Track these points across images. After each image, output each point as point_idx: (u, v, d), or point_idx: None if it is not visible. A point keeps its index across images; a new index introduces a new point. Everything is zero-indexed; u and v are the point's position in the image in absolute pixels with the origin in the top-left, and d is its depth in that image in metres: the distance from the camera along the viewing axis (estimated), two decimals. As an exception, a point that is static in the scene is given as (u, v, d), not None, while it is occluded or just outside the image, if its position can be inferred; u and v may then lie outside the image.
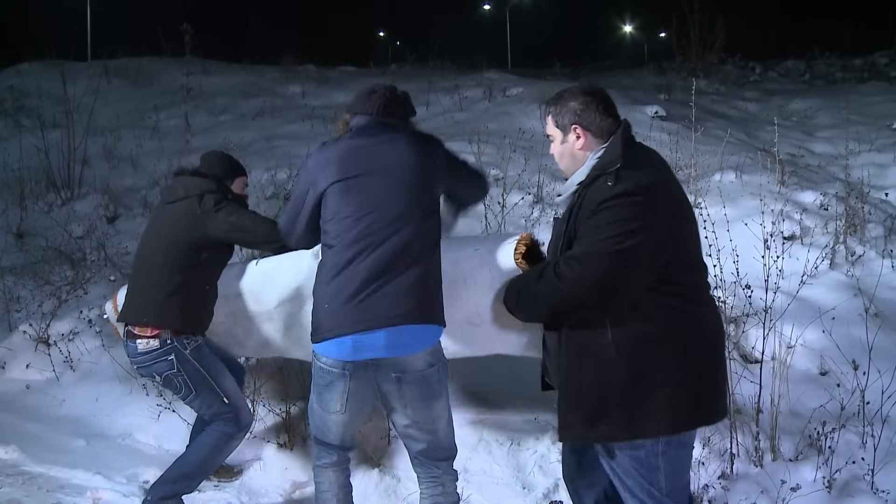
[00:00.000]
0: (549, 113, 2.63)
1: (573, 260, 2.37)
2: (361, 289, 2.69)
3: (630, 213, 2.32)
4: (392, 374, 2.76)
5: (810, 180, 6.16)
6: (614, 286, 2.35)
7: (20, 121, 9.02)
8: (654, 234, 2.33)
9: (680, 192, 2.52)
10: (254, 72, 12.03)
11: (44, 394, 4.85)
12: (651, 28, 30.89)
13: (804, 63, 13.84)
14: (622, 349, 2.39)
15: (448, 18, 36.41)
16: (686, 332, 2.41)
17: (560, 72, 12.64)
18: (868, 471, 3.32)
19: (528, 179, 6.08)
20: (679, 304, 2.40)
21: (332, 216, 2.79)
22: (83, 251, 6.25)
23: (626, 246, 2.30)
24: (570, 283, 2.37)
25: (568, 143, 2.58)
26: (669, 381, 2.38)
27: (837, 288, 4.45)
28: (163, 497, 3.44)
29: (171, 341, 3.39)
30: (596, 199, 2.37)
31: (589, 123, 2.55)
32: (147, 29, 13.61)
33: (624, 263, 2.32)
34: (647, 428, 2.39)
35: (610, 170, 2.39)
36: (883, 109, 8.43)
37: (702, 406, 2.45)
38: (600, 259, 2.32)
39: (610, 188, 2.35)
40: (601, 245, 2.32)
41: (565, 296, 2.41)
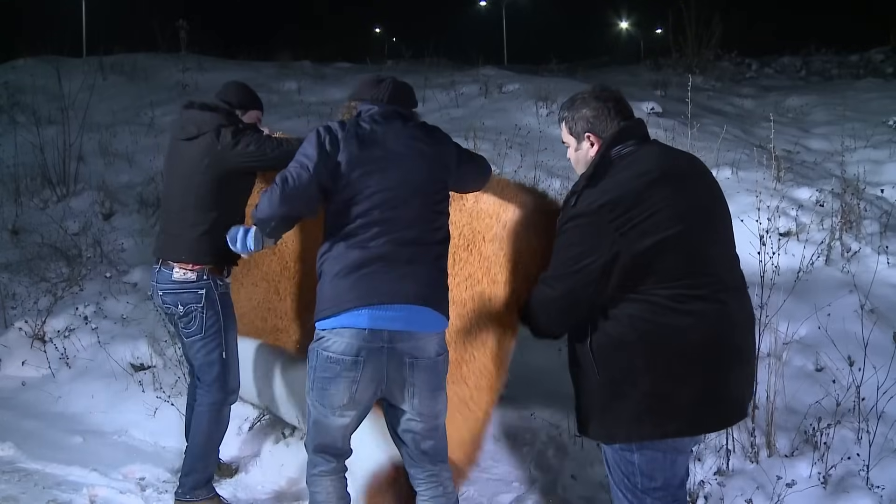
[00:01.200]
0: (563, 120, 2.67)
1: (541, 281, 2.59)
2: (384, 265, 2.66)
3: (579, 236, 2.43)
4: (406, 359, 2.67)
5: (806, 177, 6.17)
6: (574, 303, 2.49)
7: (15, 117, 8.99)
8: (600, 255, 2.39)
9: (671, 198, 2.42)
10: (249, 68, 11.99)
11: (40, 391, 4.85)
12: (647, 24, 30.84)
13: (800, 59, 13.83)
14: (597, 355, 2.47)
15: (444, 14, 36.37)
16: (657, 341, 2.39)
17: (556, 68, 12.63)
18: (863, 466, 3.33)
19: (524, 176, 6.08)
20: (650, 313, 2.40)
21: (352, 196, 2.71)
22: (79, 248, 6.24)
23: (577, 268, 2.42)
24: (538, 304, 2.60)
25: (582, 151, 2.63)
26: (637, 389, 2.41)
27: (833, 284, 4.46)
28: (193, 488, 3.52)
29: (207, 277, 3.44)
30: (562, 219, 2.52)
31: (602, 130, 2.57)
32: (143, 25, 13.57)
33: (578, 283, 2.44)
34: (618, 433, 2.47)
35: (577, 189, 2.50)
36: (879, 106, 8.44)
37: (679, 416, 2.41)
38: (557, 281, 2.51)
39: (571, 208, 2.48)
40: (558, 268, 2.50)
41: (539, 316, 2.63)
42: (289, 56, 12.69)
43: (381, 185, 2.72)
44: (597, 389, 2.49)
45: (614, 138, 2.53)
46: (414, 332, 2.67)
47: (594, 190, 2.45)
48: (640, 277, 2.39)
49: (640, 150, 2.54)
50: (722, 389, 2.46)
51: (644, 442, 2.45)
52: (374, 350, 2.64)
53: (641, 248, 2.38)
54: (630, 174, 2.46)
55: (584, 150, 2.62)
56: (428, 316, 2.69)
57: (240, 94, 3.65)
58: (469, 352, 3.14)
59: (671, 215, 2.41)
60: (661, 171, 2.47)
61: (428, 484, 2.81)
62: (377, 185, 2.71)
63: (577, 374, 2.59)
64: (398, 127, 2.84)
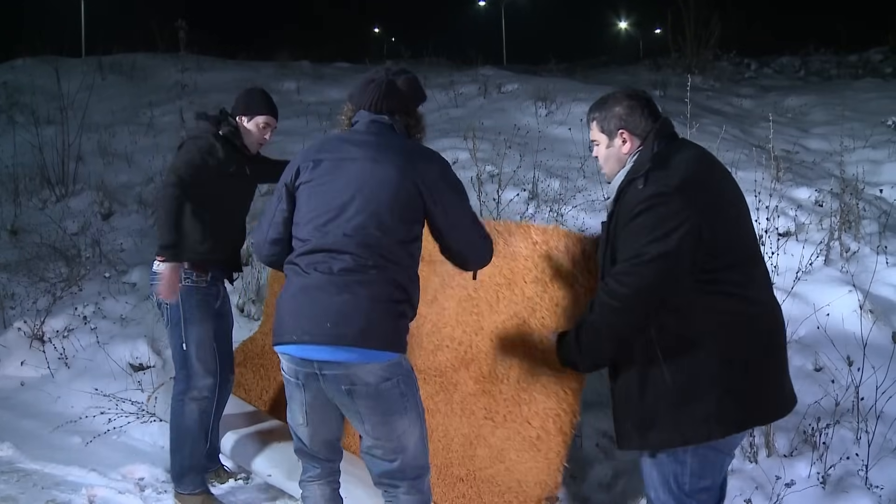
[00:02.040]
0: (594, 119, 2.64)
1: (620, 274, 2.35)
2: (313, 298, 2.52)
3: (664, 213, 2.32)
4: (342, 387, 2.53)
5: (805, 177, 6.17)
6: (667, 288, 2.33)
7: (14, 117, 8.99)
8: (691, 229, 2.30)
9: (721, 186, 2.49)
10: (248, 68, 11.99)
11: (38, 391, 4.85)
12: (646, 24, 30.92)
13: (799, 59, 13.82)
14: (666, 357, 2.37)
15: (443, 14, 36.36)
16: (734, 334, 2.36)
17: (555, 68, 12.63)
18: (862, 466, 3.33)
19: (523, 176, 6.07)
20: (725, 304, 2.36)
21: (296, 219, 2.66)
22: (78, 248, 6.24)
23: (669, 247, 2.29)
24: (624, 298, 2.34)
25: (614, 148, 2.59)
26: (716, 386, 2.34)
27: (832, 284, 4.46)
28: (175, 478, 3.63)
29: None
30: (630, 205, 2.38)
31: (634, 127, 2.56)
32: (141, 25, 13.56)
33: (671, 263, 2.30)
34: (698, 434, 2.36)
35: (640, 173, 2.41)
36: (878, 106, 8.43)
37: (753, 408, 2.40)
38: (646, 266, 2.30)
39: (641, 191, 2.37)
40: (644, 250, 2.31)
41: (624, 313, 2.36)
42: (288, 56, 12.69)
43: (314, 208, 2.61)
44: (665, 394, 2.37)
45: (662, 129, 2.54)
46: (342, 362, 2.50)
47: (663, 172, 2.39)
48: (715, 263, 2.35)
49: (683, 141, 2.59)
50: (783, 377, 2.50)
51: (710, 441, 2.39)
52: (309, 375, 2.58)
53: (717, 229, 2.36)
54: (690, 158, 2.49)
55: (616, 147, 2.59)
56: (358, 353, 2.50)
57: (243, 98, 3.76)
58: (529, 393, 3.25)
59: (731, 199, 2.48)
60: (710, 159, 2.55)
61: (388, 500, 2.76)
62: (312, 207, 2.61)
63: (632, 383, 2.44)
64: (373, 144, 2.67)
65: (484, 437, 3.44)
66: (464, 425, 3.51)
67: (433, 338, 3.69)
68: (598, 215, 5.62)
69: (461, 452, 3.48)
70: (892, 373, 3.62)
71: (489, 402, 3.44)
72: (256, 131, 3.73)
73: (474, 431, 3.47)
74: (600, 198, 5.81)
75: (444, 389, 3.60)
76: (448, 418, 3.56)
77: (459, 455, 3.48)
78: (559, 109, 8.00)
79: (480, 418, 3.47)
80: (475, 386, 3.49)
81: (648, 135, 2.54)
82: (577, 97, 8.15)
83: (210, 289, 3.65)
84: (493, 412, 3.43)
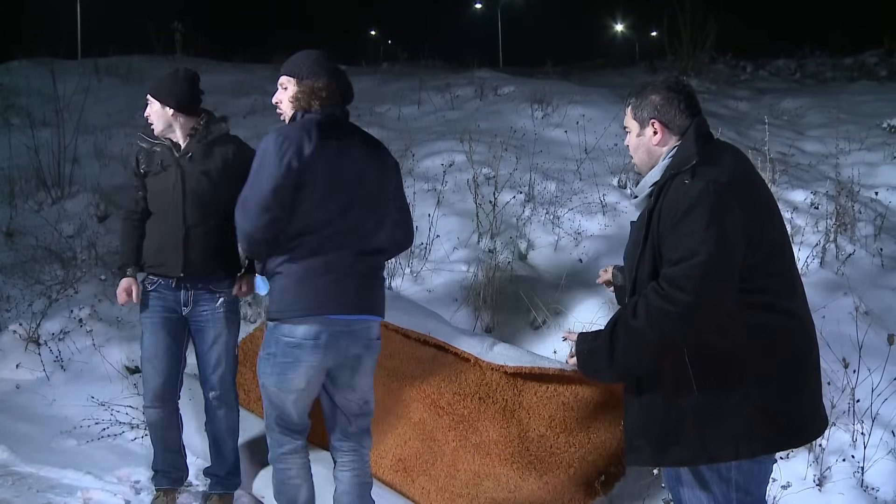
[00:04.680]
0: (629, 105, 2.53)
1: (681, 278, 2.18)
2: (345, 274, 2.91)
3: (717, 209, 2.20)
4: (363, 340, 2.99)
5: (801, 179, 6.19)
6: (727, 292, 2.21)
7: (9, 119, 8.96)
8: (744, 228, 2.22)
9: (762, 191, 2.39)
10: (245, 70, 11.98)
11: (34, 393, 4.83)
12: (642, 27, 30.93)
13: (795, 62, 13.86)
14: (696, 370, 2.25)
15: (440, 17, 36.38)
16: (771, 348, 2.27)
17: (551, 70, 12.64)
18: (858, 468, 3.34)
19: (519, 178, 6.08)
20: (764, 317, 2.27)
21: (316, 205, 2.88)
22: (74, 250, 6.22)
23: (725, 245, 2.18)
24: (685, 305, 2.17)
25: (644, 137, 2.48)
26: (747, 402, 2.24)
27: (828, 286, 4.47)
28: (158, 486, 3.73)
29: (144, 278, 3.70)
30: (678, 203, 2.24)
31: (668, 120, 2.44)
32: (137, 27, 13.56)
33: (730, 263, 2.19)
34: (724, 452, 2.26)
35: (685, 168, 2.30)
36: (873, 108, 8.45)
37: (785, 429, 2.31)
38: (705, 267, 2.17)
39: (689, 187, 2.25)
40: (699, 248, 2.17)
41: (683, 322, 2.19)
42: (284, 58, 12.64)
43: (340, 198, 2.99)
44: (692, 411, 2.26)
45: (701, 126, 2.45)
46: (369, 319, 3.02)
47: (711, 168, 2.28)
48: (759, 272, 2.26)
49: (720, 141, 2.52)
50: (817, 398, 2.41)
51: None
52: (333, 334, 2.91)
53: (763, 233, 2.28)
54: (733, 157, 2.40)
55: (646, 137, 2.48)
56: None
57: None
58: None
59: (771, 204, 2.39)
60: (748, 160, 2.49)
61: (352, 455, 3.11)
62: (337, 198, 2.98)
63: (657, 397, 2.32)
64: (356, 141, 3.13)
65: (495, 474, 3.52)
66: (475, 462, 3.59)
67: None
68: (593, 217, 5.63)
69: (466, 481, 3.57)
70: (888, 375, 3.62)
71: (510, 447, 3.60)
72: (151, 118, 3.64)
73: (485, 470, 3.54)
74: (596, 200, 5.81)
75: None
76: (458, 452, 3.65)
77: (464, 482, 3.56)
78: (555, 112, 8.00)
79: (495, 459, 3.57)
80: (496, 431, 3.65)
81: (687, 130, 2.43)
82: (573, 100, 8.16)
83: (156, 293, 3.60)
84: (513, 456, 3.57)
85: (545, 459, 3.54)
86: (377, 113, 8.52)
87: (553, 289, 4.75)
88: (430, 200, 5.88)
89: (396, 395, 3.88)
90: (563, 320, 4.52)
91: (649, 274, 2.32)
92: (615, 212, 5.63)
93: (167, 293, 3.59)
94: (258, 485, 3.80)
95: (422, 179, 6.32)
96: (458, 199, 6.04)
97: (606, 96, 8.60)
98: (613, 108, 7.78)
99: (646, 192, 2.45)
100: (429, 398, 3.79)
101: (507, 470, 3.54)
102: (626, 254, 2.54)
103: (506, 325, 4.61)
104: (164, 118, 3.57)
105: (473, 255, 5.24)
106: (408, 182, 5.86)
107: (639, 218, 2.45)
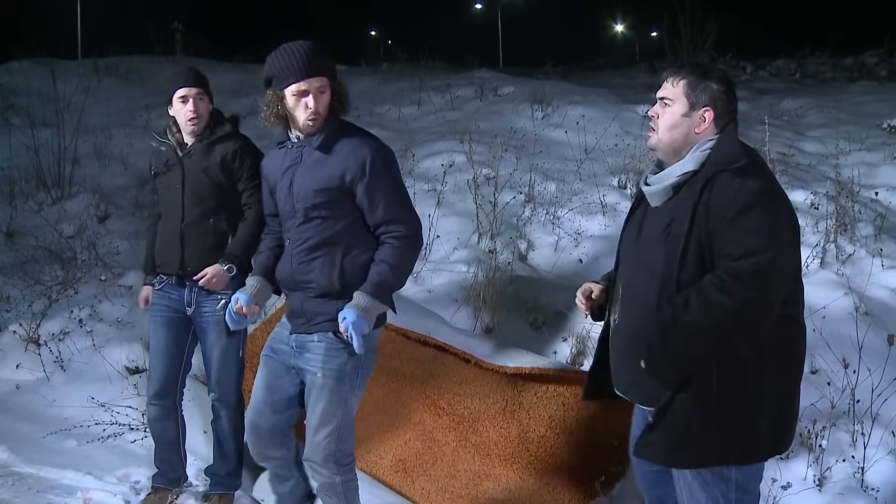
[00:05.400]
0: (685, 79, 2.39)
1: (747, 274, 2.13)
2: None
3: (779, 212, 2.20)
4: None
5: (801, 179, 6.18)
6: (784, 294, 2.20)
7: (10, 119, 8.95)
8: (797, 234, 2.25)
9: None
10: (245, 70, 11.96)
11: (34, 394, 4.83)
12: (642, 27, 30.91)
13: (795, 62, 13.85)
14: (722, 376, 2.22)
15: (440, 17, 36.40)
16: (787, 359, 2.29)
17: (552, 70, 12.65)
18: (858, 469, 3.34)
19: (519, 178, 6.08)
20: (788, 327, 2.27)
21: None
22: (74, 251, 6.22)
23: (788, 249, 2.20)
24: (746, 301, 2.12)
25: (691, 119, 2.37)
26: (766, 413, 2.26)
27: (828, 287, 4.47)
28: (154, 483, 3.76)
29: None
30: (735, 200, 2.19)
31: (721, 113, 2.38)
32: (138, 27, 13.56)
33: (790, 267, 2.20)
34: (734, 456, 2.27)
35: (734, 166, 2.25)
36: (873, 109, 8.45)
37: (790, 431, 2.36)
38: (772, 266, 2.13)
39: (745, 185, 2.20)
40: (764, 247, 2.14)
41: (743, 320, 2.15)
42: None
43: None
44: (710, 415, 2.24)
45: (737, 125, 2.42)
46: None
47: (761, 169, 2.28)
48: (793, 282, 2.27)
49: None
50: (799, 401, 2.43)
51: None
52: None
53: (798, 242, 2.32)
54: (767, 165, 2.42)
55: (693, 120, 2.36)
56: None
57: (164, 88, 3.66)
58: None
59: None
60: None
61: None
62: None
63: (679, 402, 2.28)
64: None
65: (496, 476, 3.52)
66: (475, 463, 3.59)
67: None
68: (593, 218, 5.63)
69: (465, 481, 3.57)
70: (888, 375, 3.63)
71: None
72: (180, 110, 3.51)
73: (485, 470, 3.54)
74: (596, 200, 5.81)
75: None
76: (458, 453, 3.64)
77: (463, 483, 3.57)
78: (555, 112, 8.00)
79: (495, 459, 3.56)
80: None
81: (728, 126, 2.39)
82: (573, 100, 8.15)
83: (163, 292, 3.63)
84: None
85: (545, 460, 3.54)
86: (377, 113, 8.52)
87: (553, 289, 4.75)
88: (430, 201, 5.88)
89: (396, 396, 3.88)
90: (562, 321, 4.52)
91: (696, 268, 2.24)
92: (615, 212, 5.63)
93: (172, 292, 3.61)
94: (259, 488, 3.79)
95: (422, 180, 6.32)
96: (458, 199, 6.04)
97: (606, 97, 8.60)
98: (613, 109, 7.78)
99: (671, 182, 2.36)
100: (429, 399, 3.79)
101: (507, 470, 3.55)
102: (635, 251, 2.45)
103: (506, 326, 4.61)
104: (207, 114, 3.57)
105: (473, 256, 5.24)
106: (408, 182, 5.85)
107: (666, 206, 2.36)
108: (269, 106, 2.85)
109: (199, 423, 4.09)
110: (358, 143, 2.89)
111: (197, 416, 4.08)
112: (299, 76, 2.78)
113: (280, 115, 2.85)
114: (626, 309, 2.44)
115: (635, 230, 2.49)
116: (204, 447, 3.95)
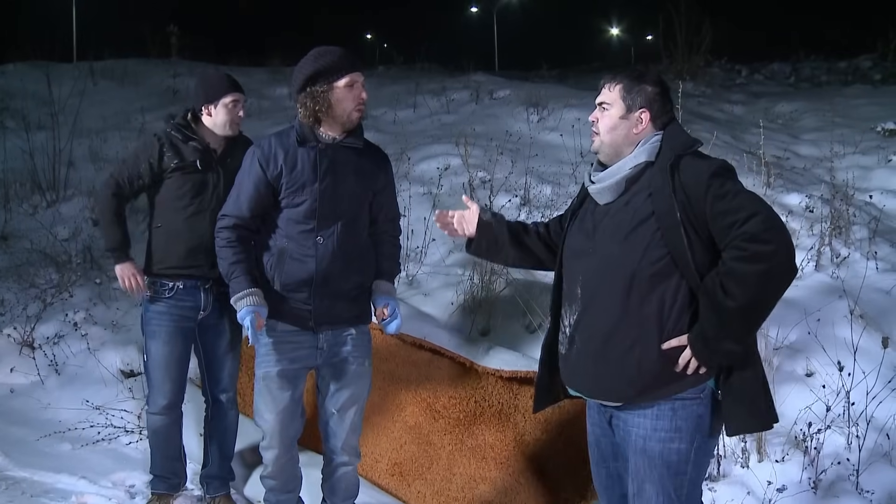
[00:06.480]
0: (620, 83, 2.52)
1: (762, 231, 2.21)
2: None
3: (740, 183, 2.35)
4: None
5: (796, 182, 6.19)
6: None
7: (4, 122, 8.93)
8: None
9: None
10: (240, 73, 11.87)
11: (28, 398, 4.82)
12: (638, 30, 30.99)
13: (790, 66, 13.89)
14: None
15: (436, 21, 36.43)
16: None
17: (547, 74, 12.66)
18: (853, 471, 3.34)
19: (514, 182, 6.08)
20: None
21: None
22: (69, 254, 6.20)
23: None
24: (772, 254, 2.20)
25: (628, 121, 2.48)
26: (760, 374, 2.45)
27: (822, 289, 4.47)
28: (154, 483, 3.73)
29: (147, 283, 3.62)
30: (700, 176, 2.31)
31: (657, 113, 2.49)
32: (133, 30, 13.56)
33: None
34: (738, 428, 2.43)
35: (692, 149, 2.42)
36: (867, 112, 8.47)
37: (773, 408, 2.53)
38: (779, 221, 2.25)
39: (707, 163, 2.36)
40: (758, 208, 2.25)
41: (787, 271, 2.25)
42: (280, 62, 12.67)
43: None
44: (750, 380, 2.41)
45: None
46: None
47: (709, 156, 2.46)
48: None
49: None
50: None
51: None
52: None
53: None
54: None
55: (630, 122, 2.48)
56: None
57: (202, 88, 3.56)
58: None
59: None
60: None
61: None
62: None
63: (746, 369, 2.41)
64: None
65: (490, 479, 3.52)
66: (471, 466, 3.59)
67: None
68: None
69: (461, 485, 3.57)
70: (883, 378, 3.63)
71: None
72: (227, 113, 3.50)
73: (481, 473, 3.54)
74: (592, 203, 5.81)
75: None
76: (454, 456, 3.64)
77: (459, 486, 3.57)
78: (551, 115, 8.01)
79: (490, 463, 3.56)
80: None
81: (671, 122, 2.51)
82: (568, 103, 8.16)
83: (173, 300, 3.54)
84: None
85: (541, 463, 3.54)
86: (373, 116, 8.52)
87: (548, 292, 4.74)
88: (425, 204, 5.88)
89: (392, 399, 3.88)
90: (558, 324, 4.52)
91: (706, 249, 2.32)
92: (610, 215, 5.62)
93: (187, 298, 3.53)
94: (250, 489, 3.80)
95: (417, 183, 6.32)
96: (453, 202, 6.03)
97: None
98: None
99: (624, 174, 2.44)
100: (424, 402, 3.78)
101: (503, 473, 3.54)
102: (592, 249, 2.48)
103: (501, 329, 4.60)
104: (227, 112, 3.53)
105: (469, 259, 5.23)
106: (403, 185, 5.87)
107: (636, 203, 2.41)
108: (317, 101, 2.96)
109: (194, 426, 4.08)
110: (376, 148, 3.26)
111: (191, 419, 4.07)
112: (351, 68, 2.97)
113: (322, 111, 2.97)
114: (591, 307, 2.46)
115: (586, 229, 2.54)
116: (198, 450, 3.95)
